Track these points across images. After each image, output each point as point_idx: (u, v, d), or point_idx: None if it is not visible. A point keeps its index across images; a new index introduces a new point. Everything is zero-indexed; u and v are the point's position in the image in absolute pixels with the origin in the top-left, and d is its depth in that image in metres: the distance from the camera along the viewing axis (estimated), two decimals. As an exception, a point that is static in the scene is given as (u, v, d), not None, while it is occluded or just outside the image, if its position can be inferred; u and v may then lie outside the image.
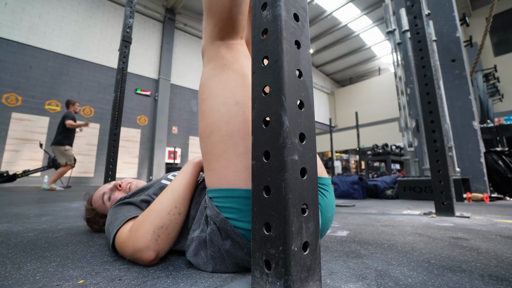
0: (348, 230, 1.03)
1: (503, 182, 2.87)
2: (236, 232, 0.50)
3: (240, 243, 0.50)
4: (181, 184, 0.65)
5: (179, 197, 0.63)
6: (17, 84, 5.83)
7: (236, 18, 0.60)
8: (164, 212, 0.59)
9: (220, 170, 0.54)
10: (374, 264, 0.58)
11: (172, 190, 0.64)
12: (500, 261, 0.60)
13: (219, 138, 0.55)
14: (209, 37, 0.62)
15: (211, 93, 0.59)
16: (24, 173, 4.56)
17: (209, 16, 0.61)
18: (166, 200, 0.62)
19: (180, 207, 0.62)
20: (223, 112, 0.56)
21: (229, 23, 0.59)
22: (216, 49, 0.61)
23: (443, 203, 1.45)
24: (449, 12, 3.28)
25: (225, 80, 0.59)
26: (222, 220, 0.51)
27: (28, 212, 1.47)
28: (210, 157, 0.56)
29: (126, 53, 2.36)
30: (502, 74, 8.51)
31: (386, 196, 2.97)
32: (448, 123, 2.93)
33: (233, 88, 0.58)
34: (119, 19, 7.62)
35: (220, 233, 0.52)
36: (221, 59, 0.60)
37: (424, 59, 1.57)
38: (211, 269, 0.53)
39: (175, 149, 8.22)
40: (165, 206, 0.60)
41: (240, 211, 0.51)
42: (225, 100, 0.57)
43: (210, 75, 0.60)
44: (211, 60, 0.62)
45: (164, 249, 0.59)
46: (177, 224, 0.61)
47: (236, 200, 0.51)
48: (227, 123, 0.55)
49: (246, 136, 0.54)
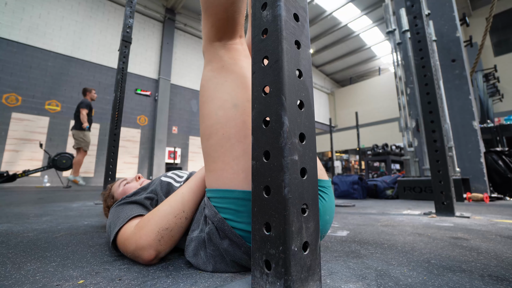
0: (348, 230, 1.03)
1: (503, 182, 2.87)
2: (233, 232, 0.51)
3: (237, 243, 0.51)
4: (192, 189, 0.65)
5: (188, 202, 0.63)
6: (17, 84, 5.83)
7: (233, 17, 0.59)
8: (171, 214, 0.60)
9: (218, 171, 0.55)
10: (374, 264, 0.58)
11: (182, 194, 0.64)
12: (500, 261, 0.60)
13: (216, 141, 0.56)
14: (208, 39, 0.62)
15: (209, 95, 0.60)
16: (24, 173, 4.56)
17: (206, 17, 0.61)
18: (175, 203, 0.62)
19: (188, 212, 0.62)
20: (220, 115, 0.57)
21: (226, 23, 0.59)
22: (214, 51, 0.61)
23: (443, 203, 1.45)
24: (449, 12, 3.28)
25: (223, 83, 0.59)
26: (220, 220, 0.52)
27: (28, 212, 1.47)
28: (209, 159, 0.58)
29: (126, 53, 2.36)
30: (502, 74, 8.50)
31: (386, 196, 2.97)
32: (448, 123, 2.93)
33: (231, 91, 0.58)
34: (119, 19, 7.62)
35: (218, 233, 0.52)
36: (219, 60, 0.61)
37: (424, 59, 1.57)
38: (212, 269, 0.53)
39: (175, 149, 8.22)
40: (173, 209, 0.60)
41: (237, 212, 0.51)
42: (223, 103, 0.58)
43: (209, 77, 0.61)
44: (210, 62, 0.62)
45: (165, 250, 0.59)
46: (182, 228, 0.61)
47: (233, 201, 0.52)
48: (224, 126, 0.56)
49: (242, 139, 0.55)
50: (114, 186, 0.97)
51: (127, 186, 0.93)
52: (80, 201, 2.26)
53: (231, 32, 0.61)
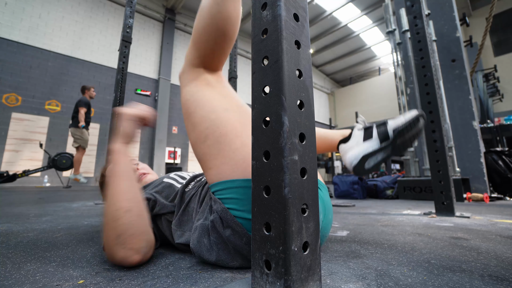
0: (348, 230, 1.03)
1: (503, 182, 2.87)
2: (235, 222, 0.52)
3: (239, 233, 0.52)
4: (113, 181, 0.60)
5: (115, 197, 0.57)
6: (17, 84, 5.83)
7: (219, 58, 0.65)
8: (111, 220, 0.54)
9: (219, 166, 0.57)
10: (374, 264, 0.58)
11: (109, 195, 0.58)
12: (500, 261, 0.60)
13: (214, 140, 0.58)
14: (191, 64, 0.66)
15: (198, 105, 0.62)
16: (24, 173, 4.56)
17: (194, 47, 0.65)
18: (107, 207, 0.57)
19: (121, 204, 0.56)
20: (214, 118, 0.59)
21: (211, 60, 0.65)
22: (198, 72, 0.65)
23: (443, 203, 1.45)
24: (449, 12, 3.28)
25: (211, 93, 0.63)
26: (223, 209, 0.53)
27: (28, 212, 1.47)
28: (208, 158, 0.58)
29: (126, 53, 2.36)
30: (502, 74, 8.50)
31: (386, 196, 2.97)
32: (448, 123, 2.93)
33: (220, 99, 0.62)
34: (119, 19, 7.62)
35: (221, 222, 0.53)
36: (204, 79, 0.65)
37: (424, 59, 1.57)
38: (215, 258, 0.53)
39: (175, 149, 8.22)
40: (109, 215, 0.55)
41: (239, 200, 0.53)
42: (214, 108, 0.60)
43: (194, 91, 0.64)
44: (193, 80, 0.65)
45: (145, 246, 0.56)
46: (134, 222, 0.55)
47: (235, 190, 0.53)
48: (219, 126, 0.58)
49: (239, 134, 0.57)
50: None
51: None
52: (80, 201, 2.26)
53: (213, 67, 0.66)
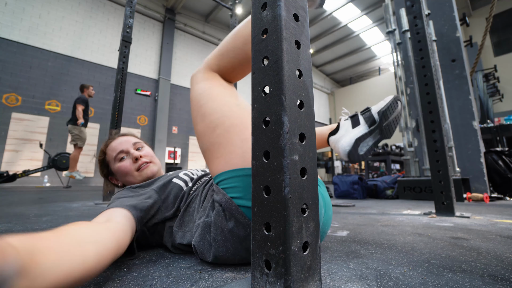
0: (348, 230, 1.03)
1: (503, 182, 2.87)
2: (239, 212, 0.52)
3: (243, 223, 0.52)
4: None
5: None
6: (17, 84, 5.83)
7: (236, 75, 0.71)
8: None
9: (227, 154, 0.57)
10: (374, 264, 0.58)
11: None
12: (500, 261, 0.60)
13: (224, 129, 0.59)
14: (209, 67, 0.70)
15: (211, 98, 0.64)
16: (24, 173, 4.57)
17: (218, 58, 0.69)
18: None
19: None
20: (226, 110, 0.61)
21: (229, 74, 0.70)
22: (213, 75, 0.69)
23: (443, 203, 1.45)
24: (449, 12, 3.28)
25: (223, 90, 0.66)
26: (228, 200, 0.53)
27: (28, 212, 1.47)
28: (217, 147, 0.59)
29: (126, 53, 2.36)
30: (502, 74, 8.51)
31: (386, 196, 2.97)
32: (448, 123, 2.93)
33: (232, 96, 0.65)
34: (119, 19, 7.62)
35: (224, 214, 0.54)
36: (217, 80, 0.68)
37: (424, 59, 1.57)
38: (218, 253, 0.53)
39: (175, 149, 8.22)
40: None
41: (244, 188, 0.53)
42: (226, 102, 0.63)
43: (208, 87, 0.66)
44: (208, 79, 0.68)
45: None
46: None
47: (242, 179, 0.54)
48: (230, 118, 0.60)
49: (248, 127, 0.58)
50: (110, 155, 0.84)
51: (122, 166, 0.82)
52: (80, 201, 2.26)
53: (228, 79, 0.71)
